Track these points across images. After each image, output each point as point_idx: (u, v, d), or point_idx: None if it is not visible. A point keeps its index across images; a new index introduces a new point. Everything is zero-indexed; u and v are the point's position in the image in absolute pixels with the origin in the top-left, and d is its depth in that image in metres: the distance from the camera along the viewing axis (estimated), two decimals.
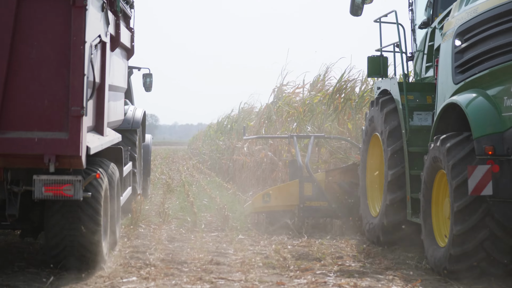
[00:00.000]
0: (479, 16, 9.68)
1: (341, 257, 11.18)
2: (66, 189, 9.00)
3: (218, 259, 10.83)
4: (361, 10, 13.00)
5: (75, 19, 8.65)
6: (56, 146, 8.66)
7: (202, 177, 29.77)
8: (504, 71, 9.14)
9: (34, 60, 8.71)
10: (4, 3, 8.60)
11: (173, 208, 17.08)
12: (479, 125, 9.12)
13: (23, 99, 8.69)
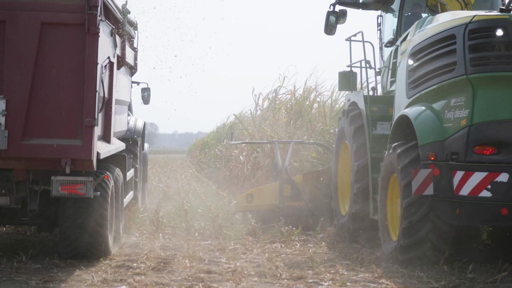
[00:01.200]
0: (428, 39, 11.17)
1: (334, 266, 11.02)
2: (79, 188, 10.50)
3: (210, 268, 10.68)
4: (335, 29, 14.11)
5: (89, 44, 10.16)
6: (72, 151, 10.18)
7: (199, 186, 29.63)
8: (446, 88, 10.61)
9: (54, 78, 10.20)
10: (30, 29, 10.11)
11: (168, 216, 16.94)
12: (424, 135, 10.60)
13: (44, 111, 10.18)
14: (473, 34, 10.33)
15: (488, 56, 10.29)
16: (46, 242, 12.87)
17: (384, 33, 14.25)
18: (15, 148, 10.16)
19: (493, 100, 10.22)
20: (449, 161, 10.26)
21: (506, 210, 9.95)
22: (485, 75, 10.22)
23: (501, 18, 10.26)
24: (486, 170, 10.04)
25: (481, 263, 11.31)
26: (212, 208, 17.83)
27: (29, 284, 9.35)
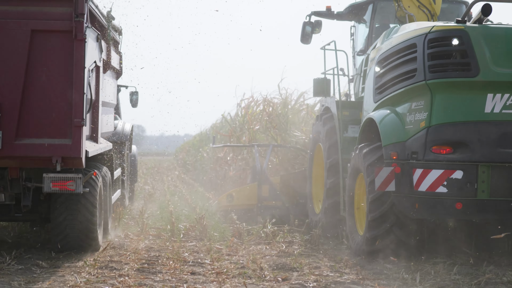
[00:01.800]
0: (393, 47, 12.14)
1: (318, 267, 10.97)
2: (70, 184, 11.17)
3: (194, 269, 10.61)
4: (310, 38, 15.21)
5: (77, 50, 10.80)
6: (62, 149, 10.79)
7: (185, 188, 29.53)
8: (408, 93, 11.52)
9: (44, 82, 10.84)
10: (20, 36, 10.74)
11: (153, 218, 16.85)
12: (387, 136, 11.53)
13: (35, 113, 10.81)
14: (432, 43, 11.16)
15: (445, 63, 11.10)
16: (30, 243, 12.76)
17: (357, 43, 15.16)
18: (9, 148, 10.75)
19: (449, 104, 11.06)
20: (409, 160, 11.13)
21: (461, 205, 10.80)
22: (442, 81, 11.03)
23: (457, 28, 11.03)
24: (442, 168, 10.85)
25: (465, 265, 11.32)
26: (197, 210, 17.77)
27: (11, 285, 9.27)
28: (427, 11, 13.50)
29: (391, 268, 10.96)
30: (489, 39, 10.95)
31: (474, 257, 12.22)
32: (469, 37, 10.89)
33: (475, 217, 11.37)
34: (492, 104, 10.90)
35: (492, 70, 10.86)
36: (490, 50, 10.90)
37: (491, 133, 10.90)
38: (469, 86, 10.98)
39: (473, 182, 10.84)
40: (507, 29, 11.15)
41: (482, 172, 10.83)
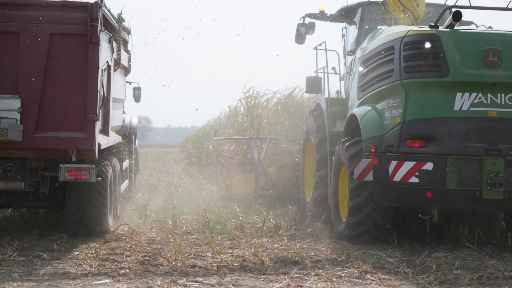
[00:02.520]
0: (374, 49, 13.20)
1: (319, 261, 10.95)
2: (84, 174, 12.16)
3: (195, 262, 10.59)
4: (304, 39, 16.17)
5: (91, 51, 11.83)
6: (77, 142, 11.85)
7: (189, 180, 29.52)
8: (386, 91, 12.59)
9: (61, 80, 11.87)
10: (40, 39, 11.75)
11: (156, 210, 16.85)
12: (367, 130, 12.58)
13: (53, 109, 11.83)
14: (407, 46, 12.20)
15: (418, 64, 12.11)
16: (32, 235, 12.76)
17: (347, 43, 16.18)
18: (29, 140, 11.79)
19: (422, 101, 12.11)
20: (386, 153, 12.16)
21: (431, 194, 11.88)
22: (416, 81, 12.07)
23: (429, 33, 12.02)
24: (414, 160, 11.92)
25: (468, 260, 11.29)
26: (200, 203, 17.75)
27: (12, 276, 9.27)
28: (412, 14, 14.45)
29: (392, 262, 10.93)
30: (458, 42, 11.95)
31: (477, 251, 12.19)
32: (440, 41, 11.91)
33: (444, 205, 12.61)
34: (460, 102, 11.95)
35: (461, 71, 11.86)
36: (459, 53, 11.90)
37: (459, 128, 11.94)
38: (440, 86, 12.00)
39: (442, 173, 11.90)
40: (475, 33, 12.19)
41: (450, 164, 11.89)
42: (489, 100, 11.95)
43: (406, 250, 12.24)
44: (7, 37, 11.82)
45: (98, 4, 11.89)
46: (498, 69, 11.89)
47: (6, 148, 11.87)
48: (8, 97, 11.75)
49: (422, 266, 10.62)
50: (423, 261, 10.93)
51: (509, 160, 11.89)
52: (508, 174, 11.87)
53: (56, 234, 13.27)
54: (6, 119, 11.65)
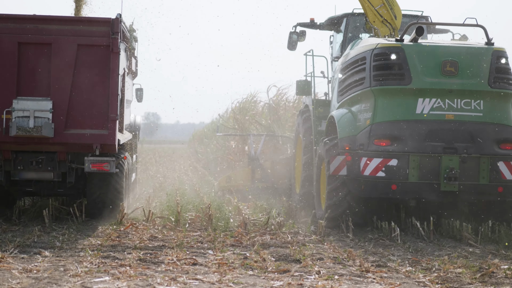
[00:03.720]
0: (350, 59, 14.86)
1: (321, 259, 10.89)
2: (105, 166, 14.05)
3: (197, 259, 10.55)
4: (296, 46, 17.48)
5: (113, 60, 13.87)
6: (100, 138, 13.84)
7: (195, 176, 29.49)
8: (359, 96, 14.24)
9: (87, 85, 13.88)
10: (69, 49, 13.77)
11: (160, 207, 16.81)
12: (342, 131, 14.21)
13: (80, 110, 13.86)
14: (376, 57, 13.86)
15: (385, 73, 13.76)
16: (35, 232, 12.74)
17: (334, 50, 17.47)
18: (59, 136, 13.77)
19: (388, 106, 13.73)
20: (358, 150, 13.77)
21: (395, 186, 13.49)
22: (383, 88, 13.74)
23: (395, 46, 13.75)
24: (381, 156, 13.54)
25: (470, 258, 11.23)
26: (204, 199, 17.71)
27: (12, 273, 9.24)
28: (390, 25, 15.63)
29: (395, 260, 10.88)
30: (420, 54, 13.64)
31: (480, 249, 12.13)
32: (404, 53, 13.62)
33: (407, 197, 13.76)
34: (422, 107, 13.58)
35: (422, 80, 13.56)
36: (421, 63, 13.60)
37: (420, 129, 13.53)
38: (404, 92, 13.64)
39: (405, 168, 13.50)
40: (435, 46, 13.90)
41: (412, 160, 13.49)
42: (447, 105, 13.59)
43: (409, 248, 12.18)
44: (40, 47, 13.84)
45: (118, 19, 13.87)
46: (455, 78, 13.58)
47: (40, 143, 13.86)
48: (41, 99, 13.74)
49: (425, 264, 10.56)
50: (426, 260, 10.87)
51: (463, 157, 13.49)
52: (462, 169, 13.45)
53: (59, 230, 13.26)
54: (40, 118, 13.66)
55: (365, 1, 15.73)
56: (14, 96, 13.72)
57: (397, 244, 12.64)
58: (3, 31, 13.82)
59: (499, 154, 13.62)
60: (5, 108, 13.65)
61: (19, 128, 13.56)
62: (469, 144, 13.58)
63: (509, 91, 13.82)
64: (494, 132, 13.68)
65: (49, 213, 14.40)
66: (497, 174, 13.56)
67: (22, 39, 13.85)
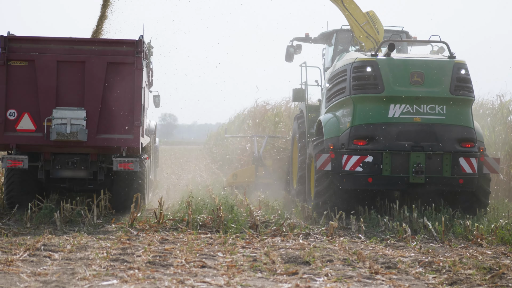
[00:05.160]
0: (336, 70, 17.23)
1: (331, 261, 10.85)
2: (131, 165, 16.34)
3: (206, 262, 10.54)
4: (293, 58, 19.96)
5: (137, 76, 16.18)
6: (127, 142, 16.08)
7: (209, 178, 29.48)
8: (341, 103, 16.58)
9: (115, 97, 16.10)
10: (100, 66, 16.04)
11: (172, 209, 16.81)
12: (327, 132, 16.49)
13: (109, 117, 16.09)
14: (355, 69, 16.19)
15: (362, 83, 16.04)
16: (45, 234, 12.75)
17: (326, 61, 19.92)
18: (92, 140, 16.04)
19: (365, 111, 15.98)
20: (340, 149, 16.05)
21: (371, 179, 15.76)
22: (361, 96, 16.05)
23: (371, 60, 16.08)
24: (359, 154, 15.81)
25: (481, 259, 11.13)
26: (216, 201, 17.69)
27: (20, 277, 9.27)
28: (373, 40, 17.99)
29: (405, 262, 10.81)
30: (392, 67, 15.94)
31: (492, 250, 12.03)
32: (378, 66, 15.93)
33: (381, 188, 16.05)
34: (393, 111, 15.82)
35: (393, 88, 15.85)
36: (392, 75, 15.90)
37: (392, 131, 15.81)
38: (378, 99, 15.89)
39: (379, 164, 15.77)
40: (404, 60, 16.23)
41: (385, 157, 15.75)
42: (415, 109, 15.83)
43: (420, 249, 12.10)
44: (75, 65, 16.10)
45: (142, 41, 16.21)
46: (421, 87, 15.84)
47: (75, 146, 16.14)
48: (76, 109, 16.01)
49: (435, 266, 10.48)
50: (437, 261, 10.79)
51: (428, 154, 15.75)
52: (428, 164, 15.73)
53: (70, 233, 13.26)
54: (76, 125, 15.91)
55: (352, 19, 18.12)
56: (54, 106, 16.04)
57: (408, 245, 12.56)
58: (45, 51, 16.15)
59: (460, 151, 15.91)
60: (46, 116, 15.98)
61: (58, 133, 15.86)
62: (434, 143, 15.82)
63: (468, 98, 16.09)
64: (455, 133, 15.91)
65: (60, 215, 14.45)
66: (458, 168, 15.81)
67: (60, 58, 16.15)
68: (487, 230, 13.65)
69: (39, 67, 16.06)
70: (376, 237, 13.47)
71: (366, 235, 13.66)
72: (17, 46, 16.17)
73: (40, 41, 16.33)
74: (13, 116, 16.06)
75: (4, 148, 16.45)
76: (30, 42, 16.28)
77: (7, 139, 16.07)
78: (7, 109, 16.03)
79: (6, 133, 16.04)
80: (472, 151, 16.06)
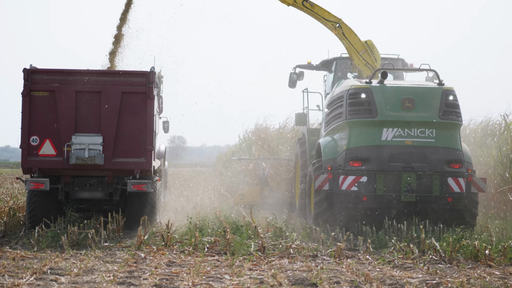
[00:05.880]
0: (334, 96, 18.22)
1: (338, 282, 10.58)
2: (144, 186, 17.26)
3: (213, 284, 10.23)
4: (296, 84, 20.98)
5: (149, 104, 17.20)
6: (140, 165, 17.17)
7: (217, 200, 29.40)
8: (339, 127, 17.52)
9: (129, 124, 17.17)
10: (115, 95, 17.13)
11: (179, 231, 16.73)
12: (326, 154, 17.45)
13: (124, 143, 17.12)
14: (351, 96, 17.05)
15: (357, 109, 16.92)
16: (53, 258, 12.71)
17: (326, 87, 20.67)
18: (108, 164, 17.02)
19: (360, 134, 16.89)
20: (337, 170, 16.88)
21: (365, 198, 16.63)
22: (356, 120, 16.94)
23: (365, 87, 16.98)
24: (355, 174, 16.66)
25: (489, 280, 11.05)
26: (224, 223, 17.63)
27: None
28: (372, 67, 18.88)
29: (412, 283, 10.69)
30: (385, 93, 16.79)
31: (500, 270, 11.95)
32: (372, 92, 16.82)
33: (375, 206, 16.64)
34: (386, 135, 16.77)
35: (386, 113, 16.72)
36: (385, 101, 16.76)
37: (384, 153, 16.67)
38: (371, 124, 16.78)
39: (373, 184, 16.64)
40: (396, 87, 17.06)
41: (379, 177, 16.62)
42: (406, 133, 16.76)
43: (428, 270, 12.02)
44: (93, 94, 17.12)
45: (153, 72, 17.22)
46: (412, 112, 16.73)
47: (93, 169, 17.10)
48: (94, 135, 17.05)
49: (443, 286, 10.37)
50: (445, 282, 10.72)
51: (419, 174, 16.59)
52: (418, 184, 16.59)
53: (77, 256, 13.21)
54: (93, 150, 16.94)
55: (351, 48, 19.12)
56: (73, 132, 17.07)
57: (416, 265, 12.49)
58: (64, 82, 17.16)
59: (449, 171, 16.70)
60: (66, 142, 16.99)
61: (77, 158, 16.88)
62: (424, 164, 16.64)
63: (456, 122, 16.90)
64: (444, 154, 16.75)
65: (68, 239, 14.43)
66: (447, 187, 16.63)
67: (79, 89, 17.17)
68: (496, 250, 13.58)
69: (59, 97, 17.08)
70: (383, 258, 13.39)
71: (374, 256, 13.59)
72: (39, 78, 17.25)
73: (60, 73, 17.35)
74: (35, 142, 17.26)
75: (28, 172, 17.47)
76: (51, 74, 17.36)
77: (30, 163, 17.13)
78: (30, 136, 17.15)
79: (30, 158, 17.09)
80: (460, 171, 16.79)
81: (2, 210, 19.34)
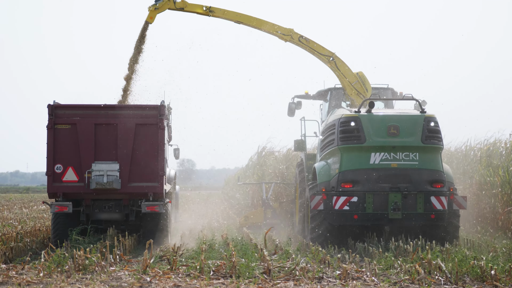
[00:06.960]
0: (327, 124, 20.10)
1: None
2: (156, 207, 19.84)
3: None
4: (294, 113, 23.32)
5: (160, 134, 19.70)
6: (153, 189, 19.69)
7: (225, 223, 29.40)
8: (331, 152, 19.42)
9: (142, 152, 19.70)
10: (130, 127, 19.60)
11: (185, 254, 16.70)
12: (320, 177, 19.28)
13: (138, 169, 19.64)
14: (342, 124, 18.94)
15: (348, 136, 18.78)
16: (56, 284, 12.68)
17: (322, 115, 23.07)
18: (124, 188, 19.59)
19: (350, 159, 18.81)
20: (331, 191, 18.78)
21: (356, 216, 18.51)
22: (346, 146, 18.82)
23: (354, 116, 18.90)
24: (346, 195, 18.58)
25: None
26: (230, 246, 17.60)
27: None
28: (363, 97, 21.14)
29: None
30: (372, 121, 18.65)
31: None
32: (360, 121, 18.70)
33: (365, 223, 18.61)
34: (374, 159, 18.68)
35: (373, 139, 18.62)
36: (372, 128, 18.63)
37: (373, 175, 18.55)
38: (360, 149, 18.67)
39: (363, 203, 18.55)
40: (382, 116, 18.87)
41: (368, 197, 18.52)
42: (392, 157, 18.68)
43: None
44: (110, 127, 19.61)
45: (164, 105, 19.62)
46: (397, 138, 18.61)
47: (111, 193, 19.62)
48: (111, 162, 19.57)
49: None
50: None
51: (404, 194, 18.52)
52: (404, 203, 18.51)
53: (83, 281, 13.20)
54: (111, 176, 19.39)
55: (344, 79, 21.38)
56: (93, 160, 19.56)
57: (422, 287, 12.42)
58: (84, 116, 19.67)
59: (431, 191, 18.63)
60: (87, 169, 19.46)
61: (97, 183, 19.34)
62: (409, 185, 18.59)
63: (437, 146, 18.78)
64: (427, 175, 18.68)
65: (73, 263, 14.44)
66: (430, 205, 18.55)
67: (97, 121, 19.67)
68: (502, 270, 13.50)
69: (80, 129, 19.62)
70: (389, 279, 13.34)
71: (380, 278, 13.53)
72: (61, 112, 19.73)
73: (80, 108, 19.84)
74: (59, 169, 19.75)
75: (53, 196, 19.89)
76: (72, 109, 19.85)
77: (55, 189, 19.70)
78: (54, 164, 19.67)
79: (54, 184, 19.61)
80: (442, 190, 18.70)
81: (10, 235, 19.34)
